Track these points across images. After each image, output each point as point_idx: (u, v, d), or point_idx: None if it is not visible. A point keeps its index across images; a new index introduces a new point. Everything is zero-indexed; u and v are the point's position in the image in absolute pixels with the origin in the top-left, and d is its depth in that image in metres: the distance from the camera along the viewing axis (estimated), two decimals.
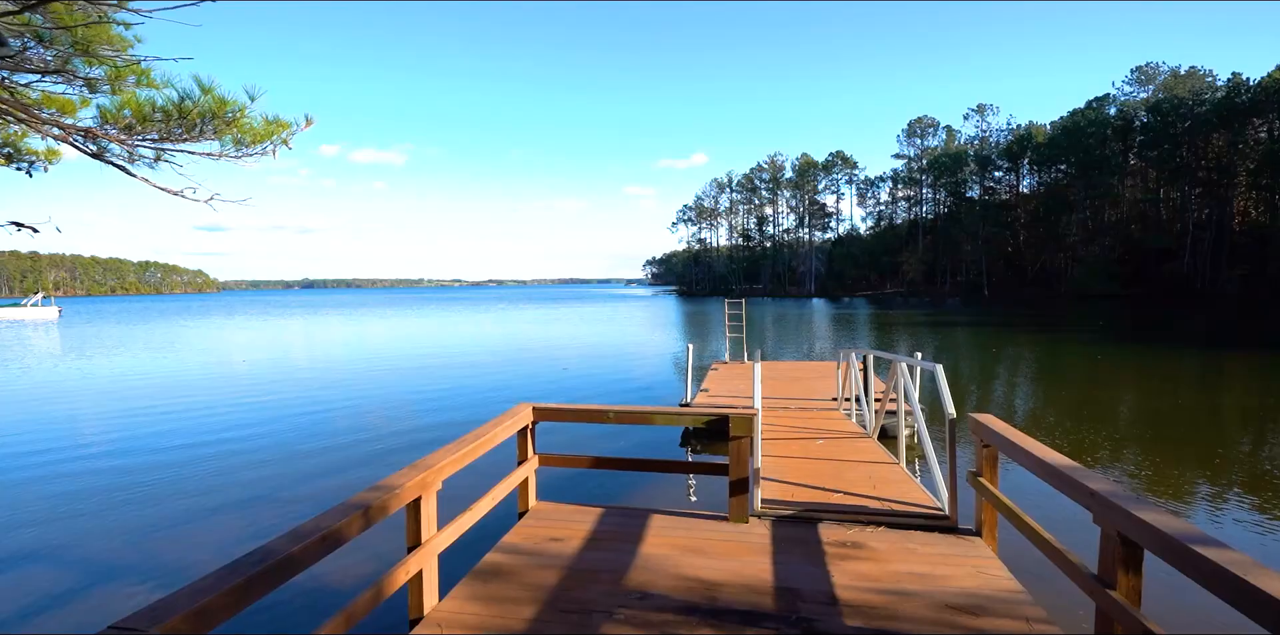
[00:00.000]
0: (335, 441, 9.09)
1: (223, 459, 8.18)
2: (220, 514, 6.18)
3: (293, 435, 9.53)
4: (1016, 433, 3.37)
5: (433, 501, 2.95)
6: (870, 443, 6.18)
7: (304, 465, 7.85)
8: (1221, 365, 16.66)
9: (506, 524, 4.12)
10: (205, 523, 5.97)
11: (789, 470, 5.16)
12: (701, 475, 5.05)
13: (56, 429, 10.37)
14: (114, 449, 8.88)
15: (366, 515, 2.37)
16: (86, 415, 11.56)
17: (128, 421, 10.82)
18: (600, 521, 4.02)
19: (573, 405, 4.22)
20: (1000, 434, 3.38)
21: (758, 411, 4.09)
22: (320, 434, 9.57)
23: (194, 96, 4.79)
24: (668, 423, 4.03)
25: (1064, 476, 2.62)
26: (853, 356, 7.94)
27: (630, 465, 4.27)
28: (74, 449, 8.95)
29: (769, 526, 3.91)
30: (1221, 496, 6.17)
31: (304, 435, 9.51)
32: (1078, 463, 2.79)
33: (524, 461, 4.21)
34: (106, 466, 7.95)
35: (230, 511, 6.25)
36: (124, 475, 7.54)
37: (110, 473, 7.66)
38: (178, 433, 9.84)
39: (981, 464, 3.68)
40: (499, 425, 3.78)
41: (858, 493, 4.48)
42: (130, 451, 8.71)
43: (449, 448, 3.22)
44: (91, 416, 11.42)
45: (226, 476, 7.39)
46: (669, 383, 14.39)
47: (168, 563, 5.15)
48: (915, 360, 4.85)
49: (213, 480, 7.27)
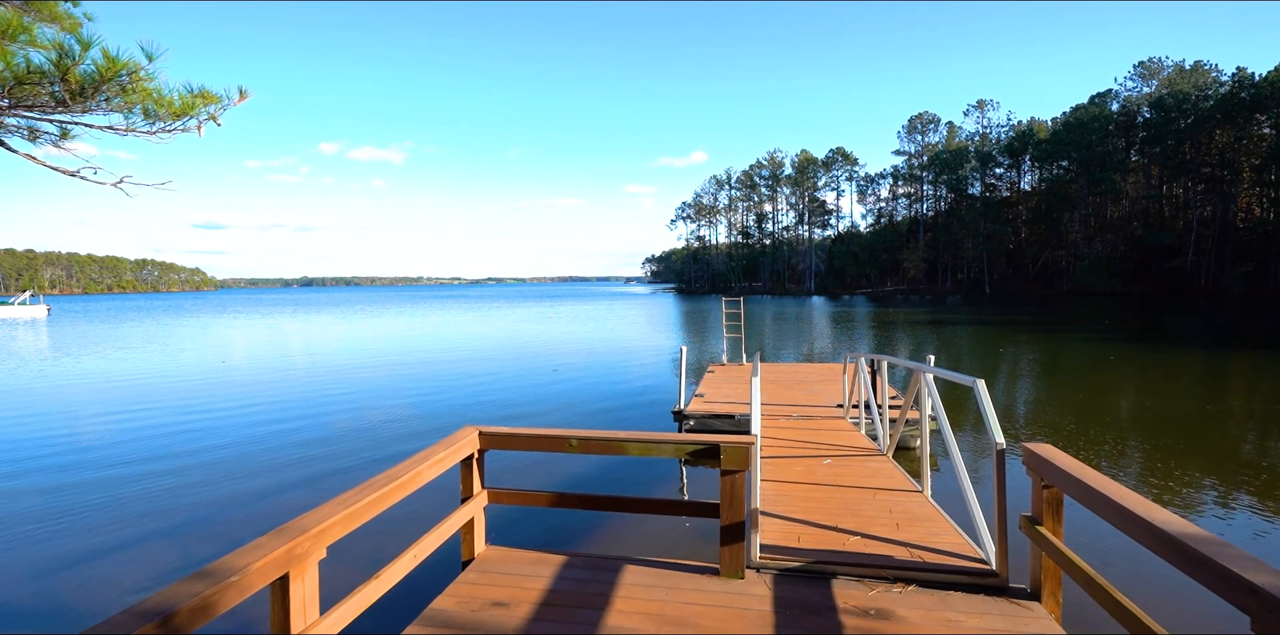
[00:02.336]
0: (290, 456, 8.24)
1: (155, 480, 7.28)
2: (137, 548, 5.36)
3: (247, 449, 8.70)
4: (1091, 472, 2.58)
5: (310, 577, 2.16)
6: (886, 463, 5.40)
7: (250, 486, 7.01)
8: (1246, 365, 15.88)
9: (446, 575, 3.33)
10: (116, 559, 5.15)
11: (793, 501, 4.37)
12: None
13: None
14: (41, 464, 8.07)
15: (168, 626, 1.58)
16: (28, 424, 10.74)
17: (69, 433, 10.01)
18: (560, 575, 3.23)
19: (527, 430, 3.43)
20: (1070, 474, 2.59)
21: (756, 439, 3.31)
22: (276, 448, 8.71)
23: (75, 53, 3.94)
24: (642, 453, 3.24)
25: (1193, 554, 1.83)
26: (860, 360, 7.17)
27: (598, 504, 3.47)
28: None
29: (770, 583, 3.13)
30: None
31: (260, 449, 8.66)
32: (1196, 525, 2.00)
33: (469, 498, 3.42)
34: (23, 486, 7.15)
35: (148, 546, 5.41)
36: (41, 498, 6.73)
37: (26, 495, 6.85)
38: (122, 445, 9.00)
39: (1040, 508, 2.89)
40: (430, 458, 2.99)
41: (878, 535, 3.68)
42: (58, 468, 7.90)
43: (344, 497, 2.42)
44: (34, 425, 10.60)
45: (155, 501, 6.54)
46: (664, 385, 13.60)
47: (63, 607, 4.36)
48: (945, 371, 4.05)
49: (143, 504, 6.46)
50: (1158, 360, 17.26)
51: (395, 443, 8.85)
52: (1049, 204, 70.03)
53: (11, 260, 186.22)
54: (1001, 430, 3.22)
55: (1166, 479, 6.71)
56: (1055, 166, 71.00)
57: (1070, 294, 61.77)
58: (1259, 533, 5.24)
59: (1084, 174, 65.53)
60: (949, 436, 3.97)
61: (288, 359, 20.29)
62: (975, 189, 78.45)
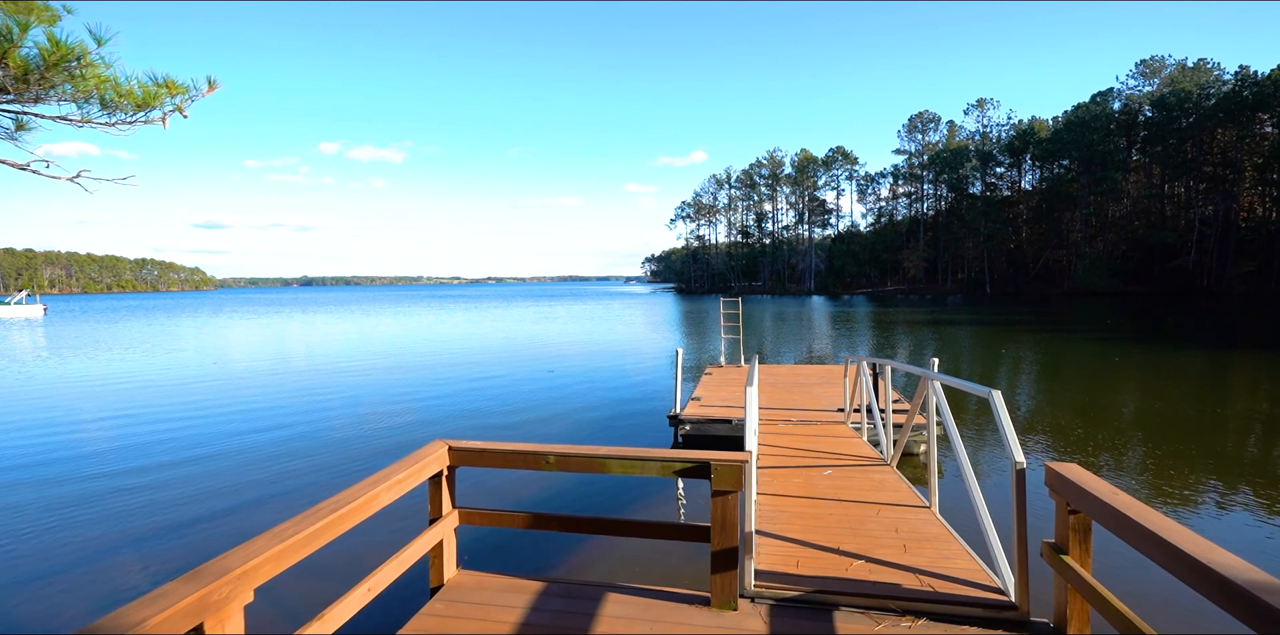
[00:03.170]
0: (259, 474, 7.76)
1: (101, 503, 6.69)
2: (47, 586, 4.92)
3: (216, 464, 8.22)
4: (1126, 499, 2.29)
5: (233, 626, 1.86)
6: (890, 475, 5.10)
7: (208, 509, 6.36)
8: (1255, 367, 15.59)
9: (412, 606, 3.05)
10: (50, 584, 4.80)
11: (791, 519, 4.07)
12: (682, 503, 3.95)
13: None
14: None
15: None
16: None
17: (37, 436, 9.72)
18: (535, 605, 2.94)
19: (501, 446, 3.13)
20: (1102, 500, 2.30)
21: (751, 456, 3.02)
22: (244, 465, 8.12)
23: (14, 35, 3.64)
24: (626, 471, 2.95)
25: (1266, 609, 1.54)
26: (862, 364, 6.88)
27: (579, 526, 3.18)
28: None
29: (765, 616, 2.84)
30: None
31: (228, 466, 8.02)
32: (1261, 570, 1.71)
33: (437, 519, 3.13)
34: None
35: (61, 584, 4.86)
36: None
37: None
38: (76, 460, 8.59)
39: (1066, 535, 2.60)
40: (389, 478, 2.69)
41: (884, 559, 3.38)
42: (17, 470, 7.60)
43: (279, 529, 2.12)
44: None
45: (91, 529, 6.00)
46: (660, 386, 13.32)
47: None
48: (956, 380, 3.75)
49: (70, 533, 6.07)
50: (1163, 361, 16.98)
51: (372, 456, 8.39)
52: (1050, 203, 69.70)
53: (11, 260, 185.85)
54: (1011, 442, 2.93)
55: (1182, 487, 6.43)
56: (1056, 165, 70.66)
57: (1071, 293, 61.46)
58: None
59: (1085, 173, 65.19)
60: (960, 451, 3.68)
61: (273, 360, 19.99)
62: (976, 188, 78.10)
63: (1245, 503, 5.97)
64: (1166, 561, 1.92)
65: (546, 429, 9.78)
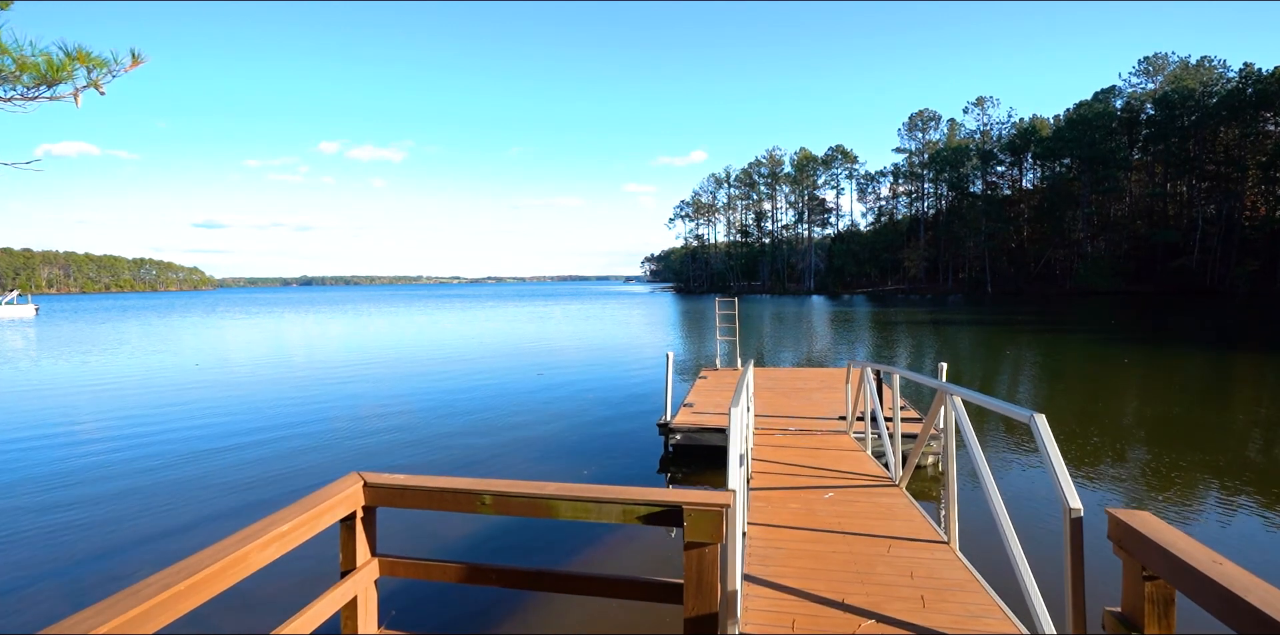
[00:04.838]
0: (215, 487, 7.34)
1: (50, 515, 6.43)
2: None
3: (187, 472, 7.80)
4: (1231, 567, 1.69)
5: None
6: (899, 498, 4.51)
7: (155, 528, 5.98)
8: (1264, 368, 15.00)
9: None
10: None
11: (787, 558, 3.47)
12: (652, 550, 3.35)
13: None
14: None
15: None
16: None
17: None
18: None
19: (427, 481, 2.54)
20: (1196, 569, 1.70)
21: (735, 494, 2.44)
22: (205, 474, 7.79)
23: None
24: (577, 516, 2.36)
25: None
26: (866, 370, 6.29)
27: (522, 581, 2.59)
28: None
29: None
30: None
31: (191, 476, 7.71)
32: None
33: (350, 571, 2.53)
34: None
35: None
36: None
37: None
38: (34, 468, 8.12)
39: (1140, 608, 2.00)
40: (274, 527, 2.09)
41: (899, 617, 2.78)
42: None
43: (117, 598, 1.52)
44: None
45: (42, 548, 5.65)
46: (654, 390, 12.71)
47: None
48: (990, 400, 3.12)
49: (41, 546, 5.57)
50: (1173, 362, 16.39)
51: (329, 467, 7.94)
52: (1051, 202, 69.03)
53: (9, 259, 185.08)
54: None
55: (1205, 497, 5.85)
56: (1058, 164, 70.00)
57: (1073, 293, 60.88)
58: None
59: (1087, 172, 64.57)
60: (990, 484, 3.07)
61: (255, 365, 19.39)
62: (977, 187, 77.45)
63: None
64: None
65: (527, 438, 9.18)
